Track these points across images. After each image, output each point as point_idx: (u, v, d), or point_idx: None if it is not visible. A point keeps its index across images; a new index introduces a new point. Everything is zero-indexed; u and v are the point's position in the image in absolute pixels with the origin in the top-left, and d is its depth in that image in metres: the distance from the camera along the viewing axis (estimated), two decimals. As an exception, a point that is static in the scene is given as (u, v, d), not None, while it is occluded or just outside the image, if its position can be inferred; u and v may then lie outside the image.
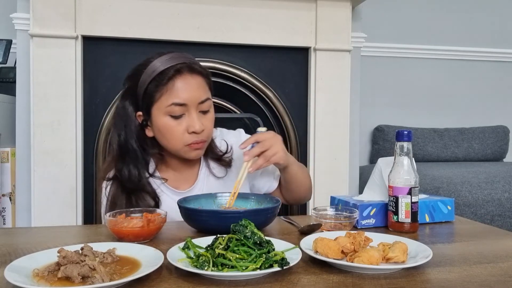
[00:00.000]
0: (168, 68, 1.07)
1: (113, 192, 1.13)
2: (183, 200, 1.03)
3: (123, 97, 1.16)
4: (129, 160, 1.12)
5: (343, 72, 2.05)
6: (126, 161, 1.12)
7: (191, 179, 1.21)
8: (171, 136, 1.10)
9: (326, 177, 2.05)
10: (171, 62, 1.08)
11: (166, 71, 1.07)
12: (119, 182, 1.13)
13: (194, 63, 1.12)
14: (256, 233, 0.75)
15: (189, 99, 1.08)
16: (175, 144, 1.11)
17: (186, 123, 1.09)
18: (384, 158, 1.09)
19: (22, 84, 1.86)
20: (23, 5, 1.85)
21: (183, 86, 1.08)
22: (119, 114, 1.15)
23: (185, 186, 1.20)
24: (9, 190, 1.98)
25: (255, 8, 1.97)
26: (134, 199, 1.12)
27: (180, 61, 1.09)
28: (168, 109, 1.08)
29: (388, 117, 3.04)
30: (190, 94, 1.08)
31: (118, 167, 1.13)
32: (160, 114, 1.09)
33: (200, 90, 1.11)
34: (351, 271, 0.71)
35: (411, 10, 3.06)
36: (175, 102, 1.07)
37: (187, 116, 1.09)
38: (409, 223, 0.96)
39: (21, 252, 0.80)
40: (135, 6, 1.87)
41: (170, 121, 1.09)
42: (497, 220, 2.16)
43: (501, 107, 3.23)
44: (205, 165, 1.23)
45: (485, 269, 0.73)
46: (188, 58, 1.12)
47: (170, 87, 1.07)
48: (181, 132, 1.09)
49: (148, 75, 1.08)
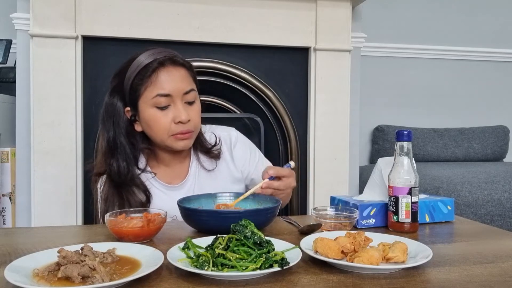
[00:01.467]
0: (152, 62, 1.10)
1: (106, 189, 1.15)
2: (183, 200, 1.03)
3: (111, 94, 1.18)
4: (118, 155, 1.14)
5: (343, 72, 2.05)
6: (116, 157, 1.14)
7: (182, 173, 1.23)
8: (158, 127, 1.12)
9: (326, 177, 2.05)
10: (154, 56, 1.11)
11: (150, 65, 1.10)
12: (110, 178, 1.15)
13: (176, 55, 1.15)
14: (256, 233, 0.75)
15: (173, 90, 1.11)
16: (162, 135, 1.13)
17: (172, 113, 1.11)
18: (384, 158, 1.09)
19: (22, 84, 1.86)
20: (23, 5, 1.85)
21: (166, 77, 1.11)
22: (107, 110, 1.17)
23: (177, 180, 1.22)
24: (9, 190, 1.98)
25: (255, 8, 1.97)
26: (125, 195, 1.13)
27: (162, 55, 1.12)
28: (153, 100, 1.10)
29: (388, 117, 3.04)
30: (174, 84, 1.11)
31: (107, 162, 1.15)
32: (147, 106, 1.11)
33: (184, 81, 1.13)
34: (351, 271, 0.71)
35: (411, 10, 3.06)
36: (160, 93, 1.10)
37: (173, 107, 1.12)
38: (409, 223, 0.96)
39: (21, 252, 0.80)
40: (135, 6, 1.87)
41: (156, 112, 1.11)
42: (497, 220, 2.16)
43: (501, 107, 3.23)
44: (195, 159, 1.25)
45: (485, 269, 0.73)
46: (170, 52, 1.15)
47: (154, 79, 1.10)
48: (168, 122, 1.11)
49: (133, 71, 1.12)
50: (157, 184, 1.19)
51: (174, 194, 1.18)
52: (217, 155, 1.25)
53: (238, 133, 1.33)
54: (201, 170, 1.24)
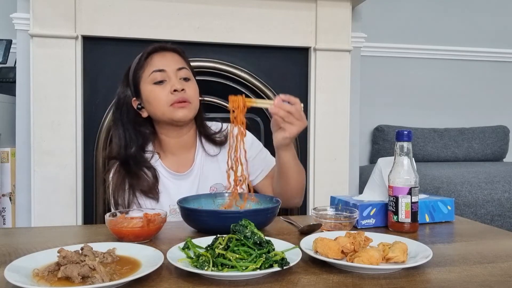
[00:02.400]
0: (146, 49, 1.26)
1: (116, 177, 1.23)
2: (183, 200, 1.03)
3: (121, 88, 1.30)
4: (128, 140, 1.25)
5: (343, 72, 2.05)
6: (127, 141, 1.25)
7: (188, 162, 1.29)
8: (157, 100, 1.21)
9: (326, 177, 2.05)
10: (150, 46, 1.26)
11: (145, 51, 1.25)
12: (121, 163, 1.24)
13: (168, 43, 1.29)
14: (256, 233, 0.75)
15: (166, 65, 1.23)
16: (161, 106, 1.21)
17: (169, 86, 1.21)
18: (384, 158, 1.09)
19: (22, 84, 1.86)
20: (23, 5, 1.85)
21: (160, 57, 1.24)
22: (119, 100, 1.29)
23: (183, 169, 1.28)
24: (9, 190, 1.98)
25: (255, 8, 1.97)
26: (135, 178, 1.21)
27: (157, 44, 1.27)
28: (150, 77, 1.22)
29: (388, 117, 3.04)
30: (167, 62, 1.24)
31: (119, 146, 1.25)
32: (146, 85, 1.23)
33: (177, 61, 1.25)
34: (351, 271, 0.71)
35: (411, 10, 3.06)
36: (155, 69, 1.22)
37: (168, 82, 1.22)
38: (409, 223, 0.96)
39: (21, 252, 0.80)
40: (135, 6, 1.87)
41: (154, 87, 1.22)
42: (497, 220, 2.16)
43: (501, 107, 3.23)
44: (200, 147, 1.31)
45: (485, 269, 0.73)
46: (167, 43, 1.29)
47: (149, 61, 1.24)
48: (165, 94, 1.20)
49: (134, 63, 1.28)
50: (164, 172, 1.26)
51: (181, 182, 1.25)
52: (222, 141, 1.32)
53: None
54: (206, 158, 1.30)
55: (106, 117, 1.89)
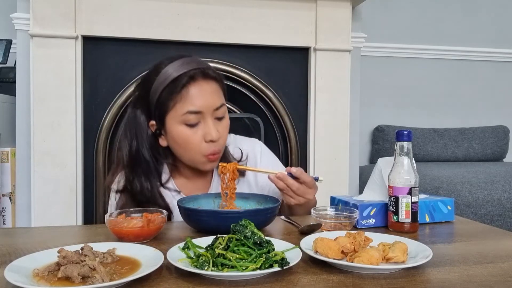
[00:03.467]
0: (181, 75, 1.04)
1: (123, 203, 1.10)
2: (183, 200, 1.03)
3: (134, 105, 1.12)
4: (140, 171, 1.09)
5: (343, 72, 2.05)
6: (138, 173, 1.09)
7: (204, 188, 1.19)
8: (188, 146, 1.07)
9: (326, 177, 2.03)
10: (184, 68, 1.05)
11: (179, 78, 1.03)
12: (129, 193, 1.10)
13: (208, 68, 1.09)
14: (256, 233, 0.74)
15: (204, 106, 1.05)
16: (192, 154, 1.08)
17: (202, 131, 1.06)
18: (384, 158, 1.09)
19: (22, 84, 1.86)
20: (23, 5, 1.85)
21: (197, 93, 1.04)
22: (131, 123, 1.11)
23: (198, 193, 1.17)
24: (9, 190, 1.98)
25: (255, 8, 1.97)
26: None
27: (193, 67, 1.05)
28: (183, 117, 1.04)
29: (388, 117, 3.04)
30: (205, 101, 1.05)
31: (129, 179, 1.10)
32: (175, 123, 1.06)
33: (215, 96, 1.08)
34: (351, 271, 0.71)
35: (411, 10, 3.06)
36: (190, 110, 1.04)
37: (203, 124, 1.06)
38: (409, 223, 0.96)
39: (21, 252, 0.80)
40: (135, 6, 1.87)
41: (186, 130, 1.06)
42: (497, 220, 2.16)
43: (501, 107, 3.23)
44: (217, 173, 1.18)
45: (485, 269, 0.73)
46: (200, 63, 1.09)
47: (184, 94, 1.03)
48: (198, 141, 1.06)
49: (161, 83, 1.05)
50: (176, 195, 1.15)
51: None
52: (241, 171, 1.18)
53: (262, 147, 1.29)
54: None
55: (106, 117, 1.89)
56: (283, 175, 1.05)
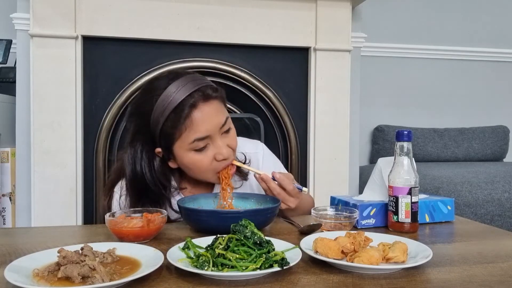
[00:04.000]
0: (182, 104, 0.99)
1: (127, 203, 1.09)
2: (183, 200, 1.03)
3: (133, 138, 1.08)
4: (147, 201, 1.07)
5: (343, 72, 2.05)
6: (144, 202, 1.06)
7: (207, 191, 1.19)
8: (200, 169, 1.07)
9: (326, 177, 2.05)
10: (182, 94, 1.00)
11: (180, 108, 0.99)
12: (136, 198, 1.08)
13: (206, 87, 1.04)
14: (256, 233, 0.74)
15: (210, 130, 1.03)
16: (205, 175, 1.09)
17: (212, 152, 1.05)
18: (384, 158, 1.09)
19: (22, 84, 1.86)
20: (23, 5, 1.85)
21: (201, 118, 1.01)
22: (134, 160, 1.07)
23: None
24: (9, 190, 1.98)
25: (255, 8, 1.97)
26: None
27: (191, 90, 1.01)
28: (191, 145, 1.03)
29: (388, 117, 3.04)
30: (210, 124, 1.03)
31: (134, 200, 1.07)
32: (184, 151, 1.04)
33: (219, 115, 1.05)
34: (351, 271, 0.71)
35: (411, 10, 3.06)
36: (197, 137, 1.02)
37: (212, 145, 1.05)
38: (409, 223, 0.96)
39: (21, 252, 0.80)
40: (135, 6, 1.87)
41: (196, 155, 1.04)
42: (497, 220, 2.16)
43: (501, 107, 3.23)
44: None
45: (485, 269, 0.73)
46: (197, 83, 1.04)
47: (189, 124, 1.00)
48: (209, 162, 1.05)
49: (160, 113, 1.00)
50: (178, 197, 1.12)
51: None
52: (245, 175, 1.19)
53: (265, 150, 1.29)
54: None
55: (106, 117, 1.89)
56: (266, 177, 1.06)
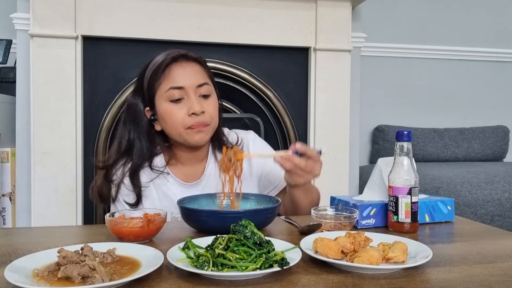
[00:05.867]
0: (165, 58, 1.14)
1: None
2: (183, 200, 1.03)
3: (134, 94, 1.22)
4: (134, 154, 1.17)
5: (343, 72, 2.05)
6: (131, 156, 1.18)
7: (198, 172, 1.24)
8: (173, 120, 1.13)
9: (326, 177, 2.03)
10: (168, 54, 1.15)
11: (163, 61, 1.14)
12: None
13: (189, 51, 1.17)
14: (256, 233, 0.74)
15: (186, 82, 1.13)
16: (176, 127, 1.14)
17: (186, 106, 1.13)
18: (384, 158, 1.09)
19: (22, 84, 1.86)
20: (23, 5, 1.85)
21: (179, 71, 1.14)
22: (129, 111, 1.20)
23: (193, 179, 1.23)
24: (9, 190, 1.98)
25: (255, 8, 1.97)
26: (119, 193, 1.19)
27: (176, 53, 1.16)
28: (167, 94, 1.13)
29: (388, 117, 3.04)
30: (186, 77, 1.14)
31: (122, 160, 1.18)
32: (161, 101, 1.14)
33: (197, 75, 1.16)
34: (351, 271, 0.71)
35: (411, 10, 3.06)
36: (173, 86, 1.12)
37: (187, 100, 1.13)
38: (409, 223, 0.96)
39: (21, 252, 0.80)
40: (135, 6, 1.87)
41: (171, 106, 1.13)
42: (497, 220, 2.16)
43: (501, 107, 3.23)
44: (213, 159, 1.25)
45: (485, 269, 0.73)
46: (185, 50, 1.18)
47: (167, 73, 1.13)
48: (182, 115, 1.12)
49: (149, 70, 1.16)
50: (172, 180, 1.21)
51: (188, 191, 1.18)
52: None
53: (256, 136, 1.34)
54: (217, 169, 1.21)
55: (106, 117, 1.89)
56: (289, 155, 1.06)
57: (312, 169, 1.07)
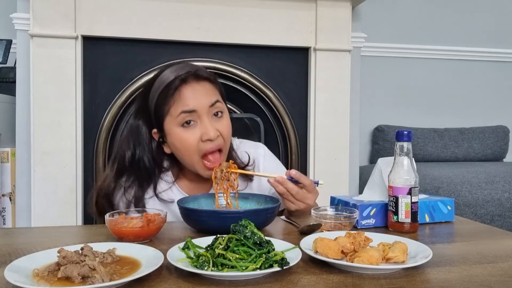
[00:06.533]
0: (173, 79, 1.05)
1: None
2: (183, 200, 1.03)
3: (136, 116, 1.13)
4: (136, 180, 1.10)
5: (343, 72, 2.05)
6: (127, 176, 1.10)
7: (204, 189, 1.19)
8: (185, 147, 1.06)
9: (326, 177, 2.04)
10: (176, 73, 1.06)
11: (172, 83, 1.05)
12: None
13: (199, 69, 1.09)
14: (256, 233, 0.74)
15: (198, 105, 1.05)
16: (190, 155, 1.07)
17: (200, 131, 1.06)
18: (384, 158, 1.09)
19: (22, 84, 1.86)
20: (23, 5, 1.85)
21: (190, 93, 1.05)
22: (133, 133, 1.12)
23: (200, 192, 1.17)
24: (9, 190, 1.98)
25: (255, 8, 1.97)
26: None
27: (185, 71, 1.07)
28: (178, 119, 1.05)
29: (388, 117, 3.04)
30: (198, 99, 1.05)
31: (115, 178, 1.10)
32: (172, 126, 1.06)
33: (209, 94, 1.07)
34: (351, 271, 0.71)
35: (411, 10, 3.06)
36: (184, 110, 1.04)
37: (199, 124, 1.06)
38: (409, 223, 0.96)
39: (21, 252, 0.80)
40: (135, 6, 1.87)
41: (183, 132, 1.06)
42: (497, 220, 2.16)
43: (501, 107, 3.23)
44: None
45: (485, 269, 0.73)
46: (193, 67, 1.09)
47: (177, 97, 1.04)
48: (195, 141, 1.05)
49: (155, 90, 1.07)
50: (176, 191, 1.15)
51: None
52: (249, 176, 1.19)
53: (266, 151, 1.28)
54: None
55: (106, 117, 1.89)
56: (283, 179, 1.04)
57: (303, 198, 1.05)
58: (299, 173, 1.05)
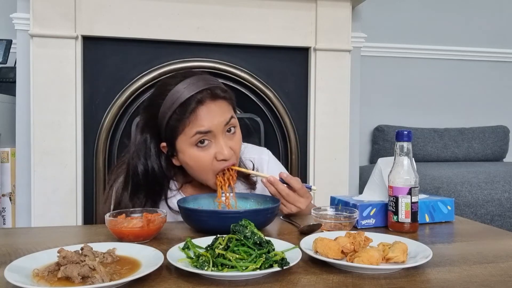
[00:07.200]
0: (189, 99, 1.01)
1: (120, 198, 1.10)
2: (183, 200, 1.03)
3: (142, 130, 1.11)
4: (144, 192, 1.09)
5: (343, 72, 2.05)
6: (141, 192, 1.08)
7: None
8: (200, 166, 1.05)
9: (326, 177, 2.05)
10: (191, 91, 1.02)
11: (187, 102, 1.01)
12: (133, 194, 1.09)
13: (215, 87, 1.05)
14: (256, 233, 0.74)
15: (213, 126, 1.03)
16: (205, 174, 1.07)
17: (214, 150, 1.05)
18: (384, 158, 1.09)
19: (22, 84, 1.86)
20: (23, 5, 1.85)
21: (206, 114, 1.02)
22: (140, 148, 1.09)
23: None
24: (9, 190, 1.98)
25: (255, 8, 1.97)
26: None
27: (200, 88, 1.02)
28: (193, 139, 1.03)
29: (388, 117, 3.04)
30: (213, 120, 1.03)
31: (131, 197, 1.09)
32: (186, 145, 1.04)
33: (224, 112, 1.05)
34: (351, 271, 0.71)
35: (411, 10, 3.06)
36: (200, 130, 1.02)
37: (214, 143, 1.05)
38: (409, 223, 0.96)
39: (21, 252, 0.80)
40: (135, 6, 1.87)
41: (197, 151, 1.04)
42: (497, 220, 2.16)
43: (501, 107, 3.23)
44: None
45: (485, 269, 0.73)
46: (208, 82, 1.05)
47: (193, 118, 1.01)
48: (210, 161, 1.05)
49: (168, 108, 1.02)
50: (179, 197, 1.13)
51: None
52: (253, 183, 1.19)
53: (270, 156, 1.28)
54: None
55: (106, 117, 1.89)
56: (274, 179, 1.04)
57: (294, 201, 1.04)
58: (290, 176, 1.05)
